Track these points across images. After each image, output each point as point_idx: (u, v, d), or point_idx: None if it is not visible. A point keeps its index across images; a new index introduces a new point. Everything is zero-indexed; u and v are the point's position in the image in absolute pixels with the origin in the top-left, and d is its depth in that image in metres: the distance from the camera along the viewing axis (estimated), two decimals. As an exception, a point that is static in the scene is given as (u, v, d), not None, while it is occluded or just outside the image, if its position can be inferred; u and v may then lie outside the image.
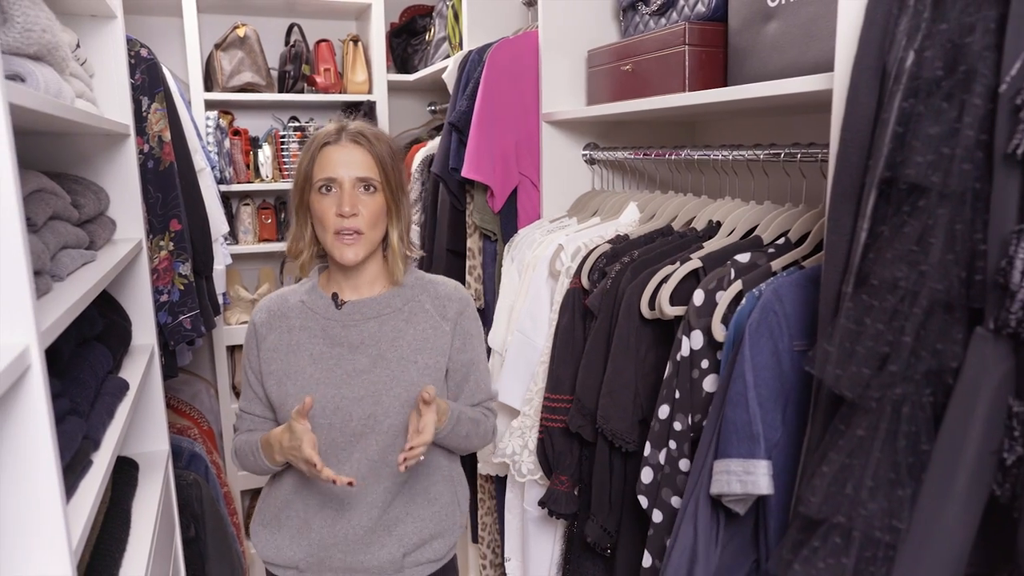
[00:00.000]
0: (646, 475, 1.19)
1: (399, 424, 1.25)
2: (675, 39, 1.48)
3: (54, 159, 1.59)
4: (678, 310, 1.21)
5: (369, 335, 1.29)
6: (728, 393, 1.01)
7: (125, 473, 1.59)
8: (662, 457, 1.17)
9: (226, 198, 2.78)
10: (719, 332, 1.10)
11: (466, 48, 2.17)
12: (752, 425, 0.97)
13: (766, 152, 1.34)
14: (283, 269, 3.01)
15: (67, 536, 0.81)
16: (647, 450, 1.19)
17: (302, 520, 1.31)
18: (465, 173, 1.84)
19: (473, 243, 2.05)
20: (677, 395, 1.15)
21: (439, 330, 1.31)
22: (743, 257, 1.17)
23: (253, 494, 3.02)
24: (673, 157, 1.59)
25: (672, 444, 1.15)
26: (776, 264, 1.15)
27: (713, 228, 1.44)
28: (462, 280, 2.08)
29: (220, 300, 2.39)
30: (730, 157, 1.44)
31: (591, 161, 1.90)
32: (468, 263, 2.07)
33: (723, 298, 1.11)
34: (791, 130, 1.65)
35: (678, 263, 1.29)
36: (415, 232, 2.32)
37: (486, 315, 1.98)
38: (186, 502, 2.05)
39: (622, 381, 1.34)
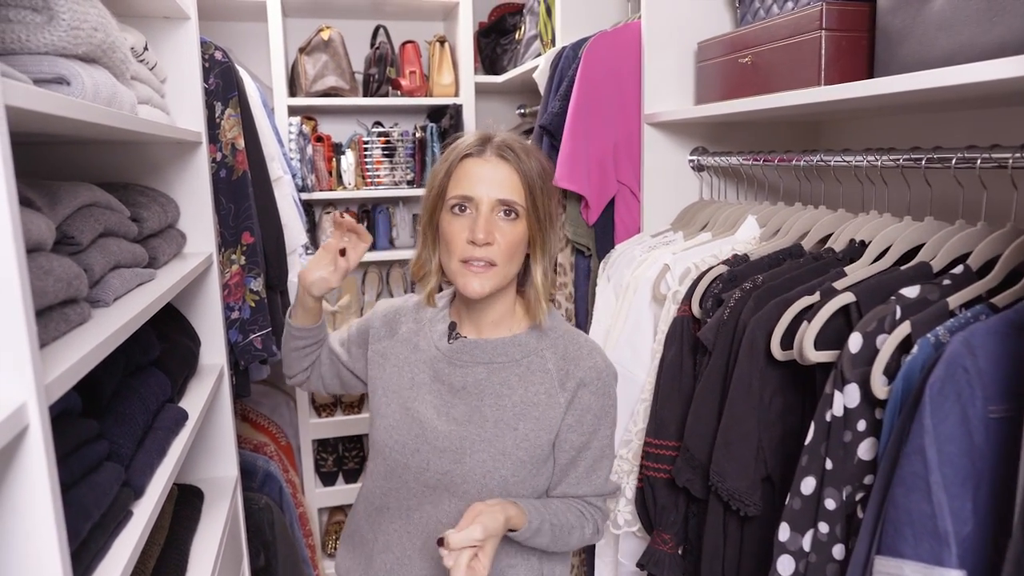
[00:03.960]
0: (785, 566, 0.96)
1: (477, 492, 1.06)
2: (809, 23, 1.24)
3: (124, 169, 1.51)
4: (825, 355, 0.98)
5: (473, 382, 1.10)
6: (899, 471, 0.78)
7: (188, 506, 1.48)
8: (807, 542, 0.94)
9: (308, 206, 2.70)
10: (880, 387, 0.87)
11: (559, 45, 1.98)
12: (937, 519, 0.73)
13: (931, 155, 1.08)
14: (365, 280, 2.91)
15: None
16: (784, 533, 0.96)
17: (367, 555, 1.18)
18: (557, 181, 1.65)
19: (564, 258, 1.86)
20: (829, 465, 0.92)
21: (552, 399, 1.07)
22: (910, 291, 0.92)
23: (332, 511, 2.93)
24: (802, 163, 1.35)
25: (823, 527, 0.92)
26: (954, 300, 0.90)
27: (855, 249, 1.19)
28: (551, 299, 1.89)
29: (299, 313, 2.29)
30: (878, 163, 1.19)
31: (699, 168, 1.67)
32: (559, 280, 1.88)
33: (886, 344, 0.87)
34: (942, 129, 1.37)
35: (818, 294, 1.05)
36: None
37: (577, 338, 1.78)
38: (257, 528, 1.96)
39: (742, 431, 1.11)
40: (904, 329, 0.87)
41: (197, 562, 1.34)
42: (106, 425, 0.99)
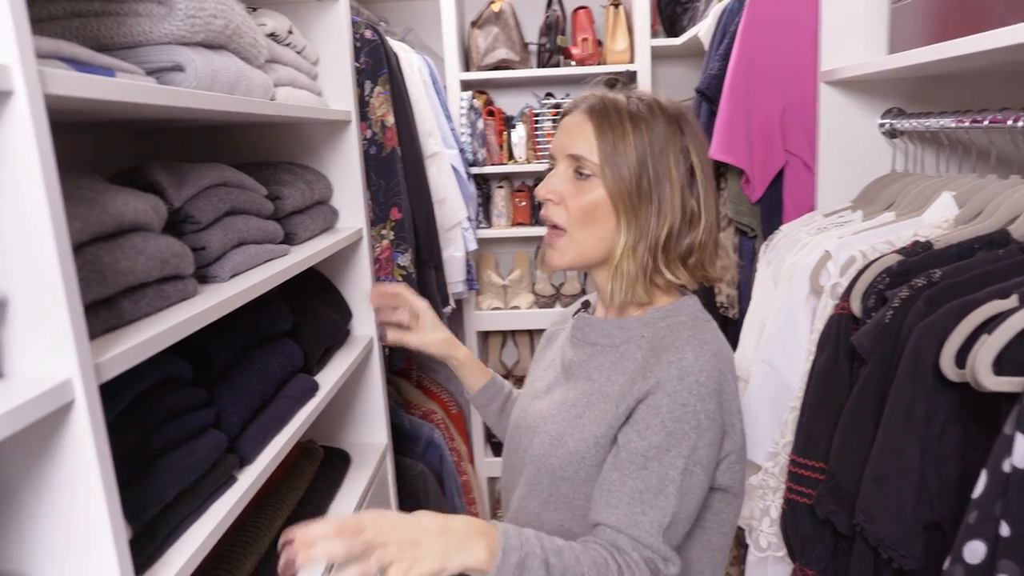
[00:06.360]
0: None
1: (533, 475, 0.96)
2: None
3: (282, 148, 1.60)
4: (1007, 383, 0.75)
5: (577, 362, 1.01)
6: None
7: (332, 468, 1.56)
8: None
9: (483, 180, 2.72)
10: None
11: (736, -3, 1.76)
12: None
13: None
14: (538, 255, 2.88)
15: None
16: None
17: None
18: (713, 153, 1.47)
19: (726, 239, 1.66)
20: (1005, 531, 0.70)
21: (624, 394, 0.90)
22: None
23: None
24: (1022, 124, 1.05)
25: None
26: None
27: (1087, 238, 0.90)
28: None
29: (464, 287, 2.32)
30: None
31: (892, 133, 1.39)
32: (720, 264, 1.69)
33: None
34: None
35: (1014, 298, 0.81)
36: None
37: (738, 328, 1.59)
38: (411, 493, 2.03)
39: (899, 466, 0.90)
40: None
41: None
42: (218, 394, 1.04)
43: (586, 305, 1.10)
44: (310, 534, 0.72)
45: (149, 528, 0.81)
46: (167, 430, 0.90)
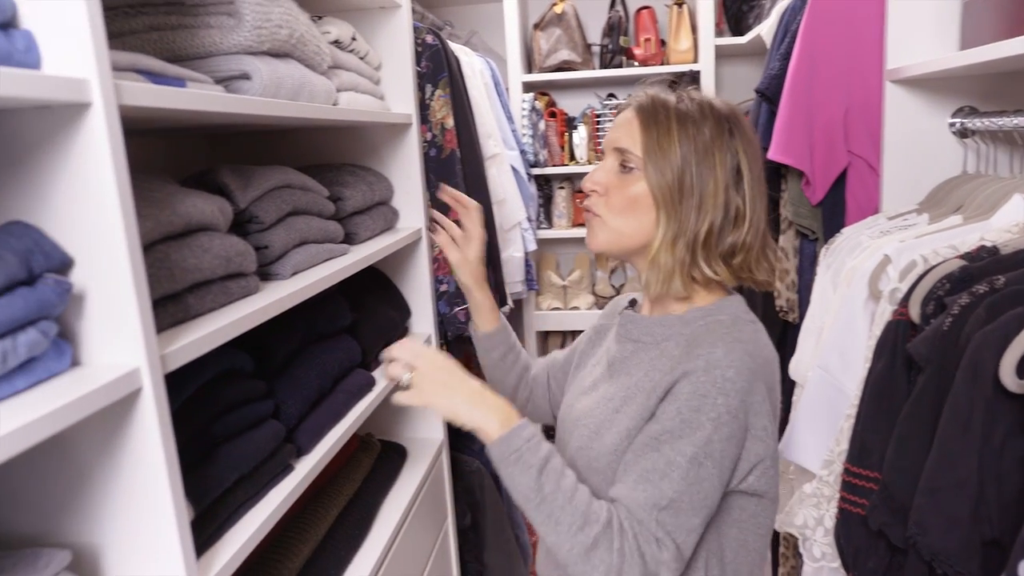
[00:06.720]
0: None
1: (570, 467, 0.96)
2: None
3: (345, 151, 1.65)
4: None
5: (620, 358, 1.04)
6: None
7: (388, 462, 1.61)
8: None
9: (545, 181, 2.74)
10: None
11: (799, -7, 1.72)
12: None
13: None
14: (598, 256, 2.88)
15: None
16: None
17: None
18: (771, 155, 1.44)
19: (787, 241, 1.63)
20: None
21: (655, 386, 0.92)
22: None
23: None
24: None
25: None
26: None
27: None
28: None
29: (523, 287, 2.34)
30: None
31: (963, 133, 1.33)
32: (779, 266, 1.65)
33: None
34: None
35: (1078, 305, 0.77)
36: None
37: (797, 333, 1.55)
38: (467, 489, 2.06)
39: (955, 478, 0.87)
40: None
41: (386, 512, 1.45)
42: (278, 386, 1.09)
43: (633, 303, 1.13)
44: (393, 350, 1.00)
45: (210, 510, 0.86)
46: (228, 419, 0.95)
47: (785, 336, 1.72)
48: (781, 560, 1.84)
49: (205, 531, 0.85)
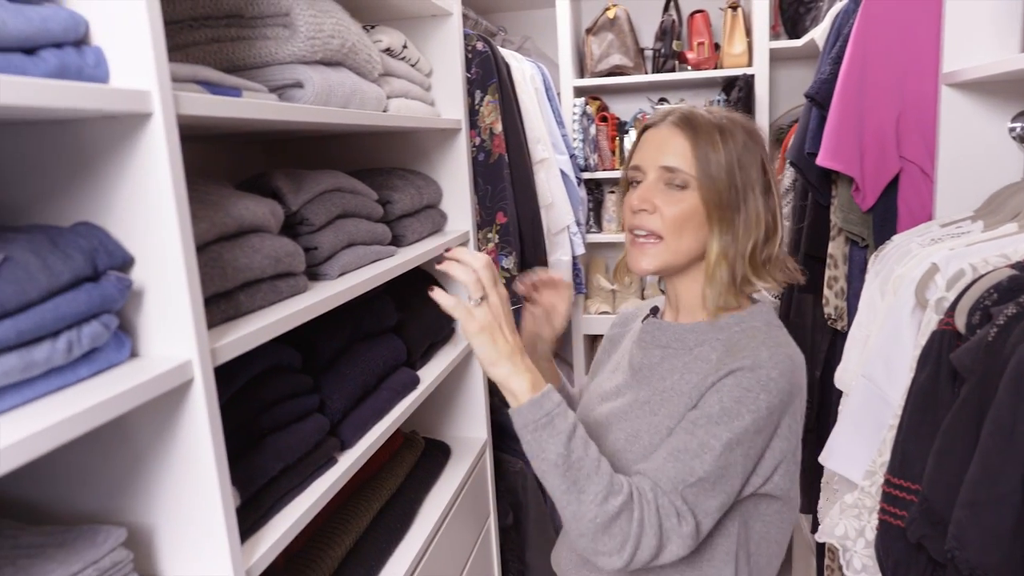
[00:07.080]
0: None
1: None
2: None
3: (397, 155, 1.70)
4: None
5: (647, 364, 1.07)
6: None
7: (432, 460, 1.64)
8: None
9: (595, 185, 2.75)
10: None
11: (855, -4, 1.68)
12: None
13: None
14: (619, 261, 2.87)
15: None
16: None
17: None
18: (820, 160, 1.42)
19: (836, 248, 1.60)
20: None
21: (697, 386, 0.96)
22: None
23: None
24: None
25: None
26: None
27: None
28: (819, 293, 1.65)
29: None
30: None
31: (1023, 139, 1.29)
32: (828, 273, 1.63)
33: None
34: None
35: None
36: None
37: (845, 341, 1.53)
38: (509, 488, 2.09)
39: (996, 492, 0.85)
40: None
41: (428, 508, 1.49)
42: (323, 382, 1.14)
43: (655, 311, 1.14)
44: (466, 255, 0.98)
45: (255, 498, 0.91)
46: (275, 412, 1.00)
47: (834, 345, 1.69)
48: (826, 572, 1.80)
49: (251, 517, 0.89)
